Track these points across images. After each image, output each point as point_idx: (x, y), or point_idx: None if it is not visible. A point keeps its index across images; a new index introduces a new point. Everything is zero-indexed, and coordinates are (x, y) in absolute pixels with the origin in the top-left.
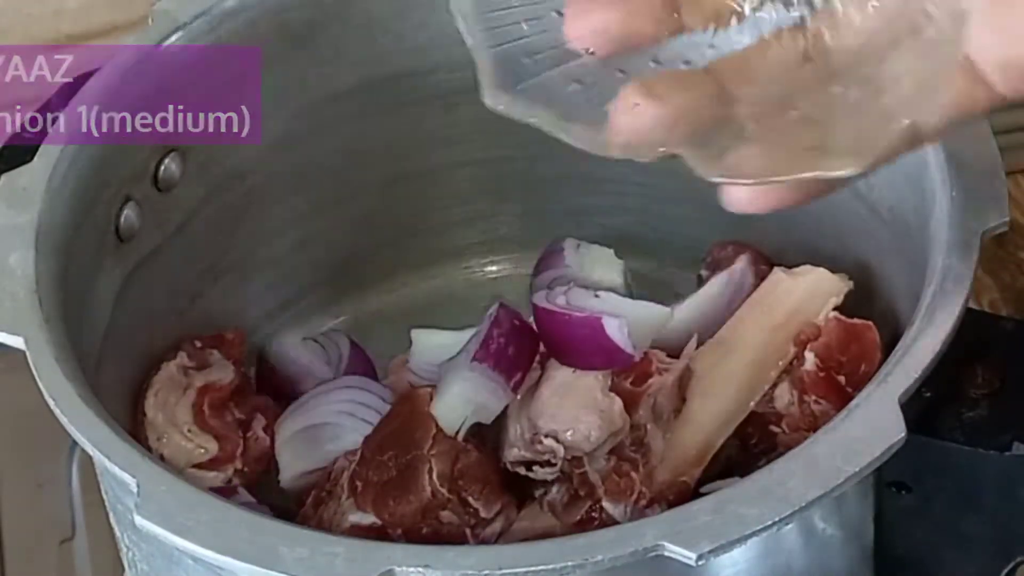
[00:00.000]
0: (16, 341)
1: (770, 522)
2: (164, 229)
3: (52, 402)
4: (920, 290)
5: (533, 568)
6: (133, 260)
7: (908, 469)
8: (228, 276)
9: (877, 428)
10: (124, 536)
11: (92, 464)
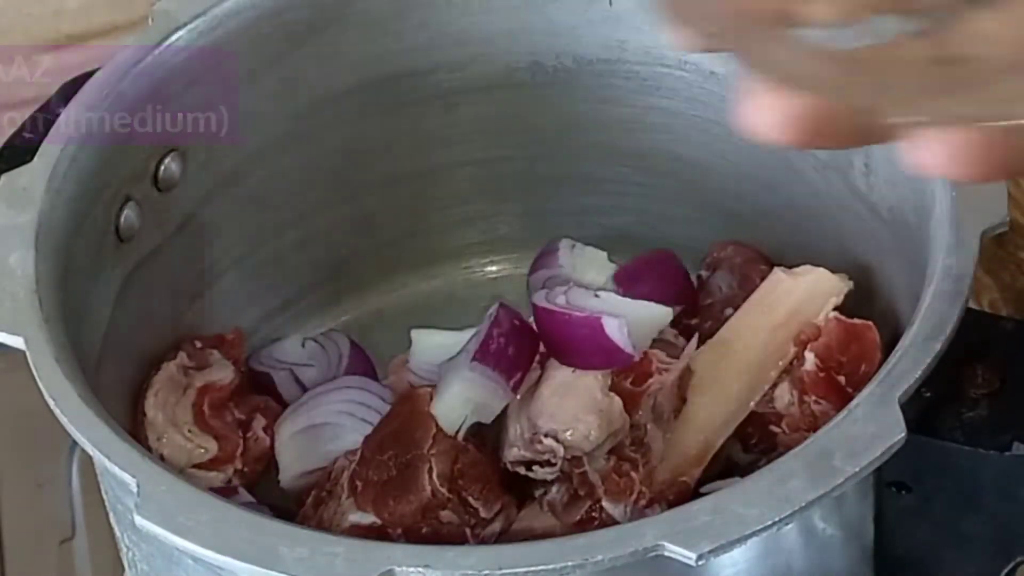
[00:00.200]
0: (16, 341)
1: (770, 522)
2: (164, 229)
3: (52, 402)
4: (920, 290)
5: (533, 568)
6: (133, 260)
7: (908, 469)
8: (228, 276)
9: (877, 428)
10: (124, 536)
11: (92, 464)
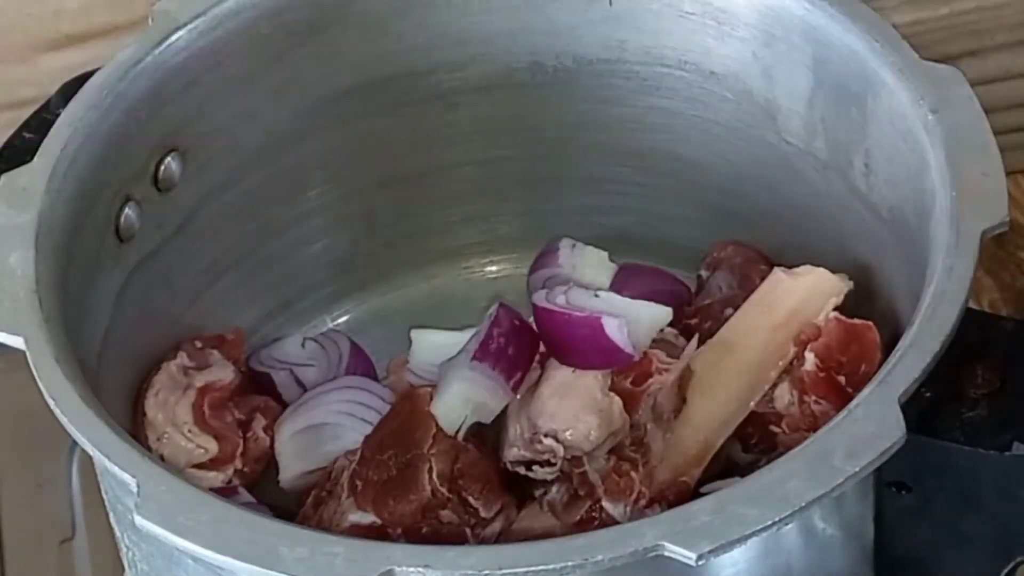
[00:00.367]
0: (16, 341)
1: (770, 522)
2: (164, 229)
3: (52, 402)
4: (920, 290)
5: (533, 568)
6: (133, 260)
7: (908, 469)
8: (228, 276)
9: (877, 428)
10: (124, 536)
11: (92, 464)
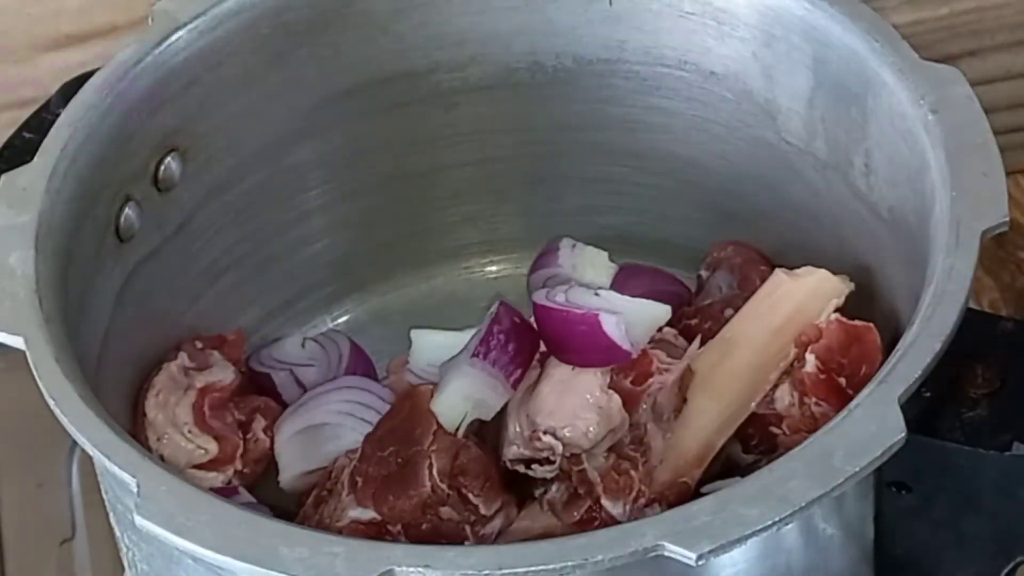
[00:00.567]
0: (16, 341)
1: (770, 522)
2: (164, 229)
3: (52, 402)
4: (920, 290)
5: (533, 568)
6: (133, 260)
7: (908, 469)
8: (228, 276)
9: (877, 428)
10: (124, 536)
11: (92, 464)
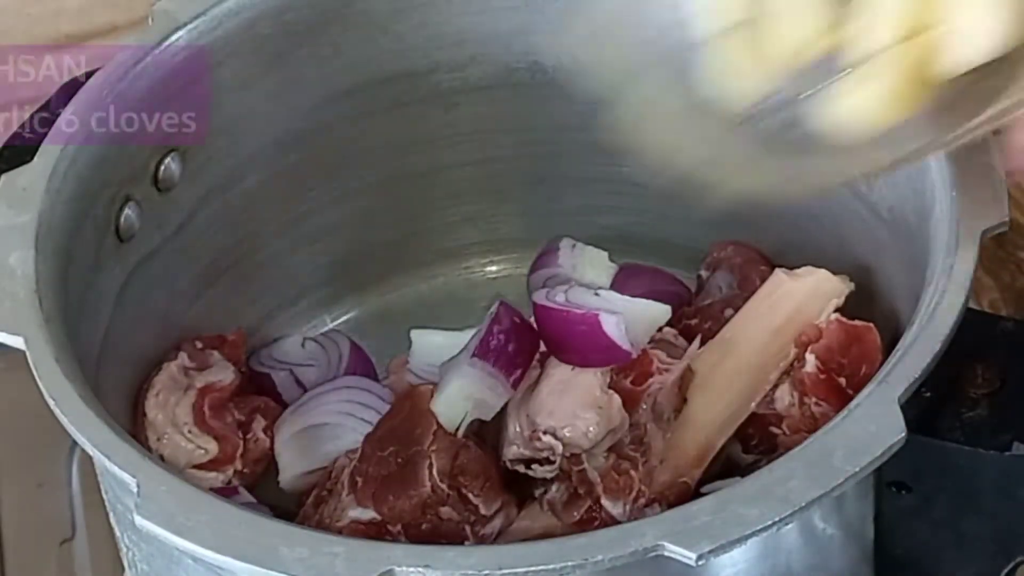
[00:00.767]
0: (16, 341)
1: (770, 522)
2: (164, 229)
3: (52, 402)
4: (920, 290)
5: (533, 568)
6: (133, 260)
7: (908, 469)
8: (228, 276)
9: (877, 428)
10: (124, 536)
11: (92, 464)
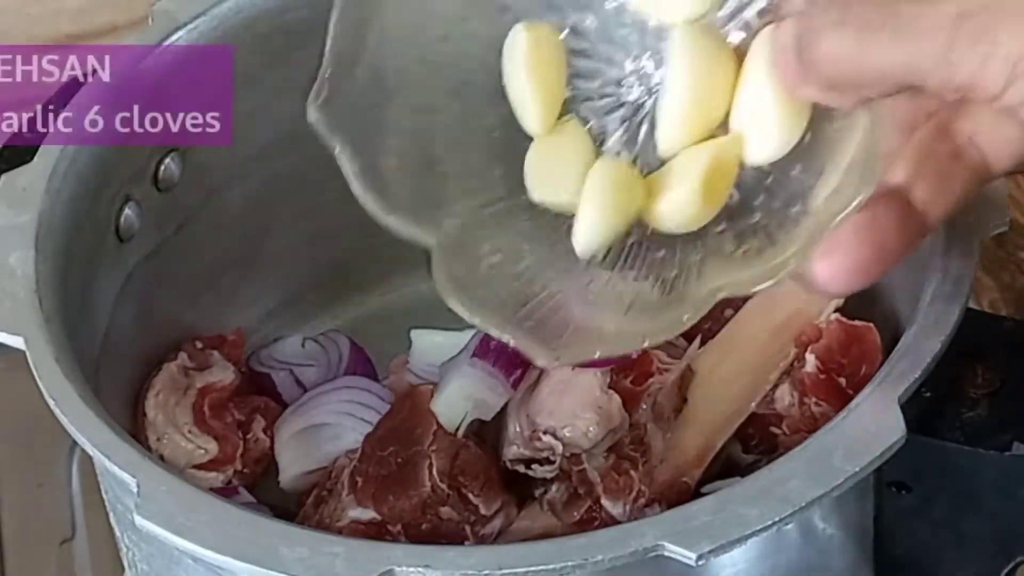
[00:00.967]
0: (16, 341)
1: (770, 522)
2: (164, 229)
3: (52, 402)
4: (920, 290)
5: (533, 568)
6: (133, 260)
7: (908, 469)
8: (228, 276)
9: (877, 428)
10: (124, 536)
11: (92, 464)
